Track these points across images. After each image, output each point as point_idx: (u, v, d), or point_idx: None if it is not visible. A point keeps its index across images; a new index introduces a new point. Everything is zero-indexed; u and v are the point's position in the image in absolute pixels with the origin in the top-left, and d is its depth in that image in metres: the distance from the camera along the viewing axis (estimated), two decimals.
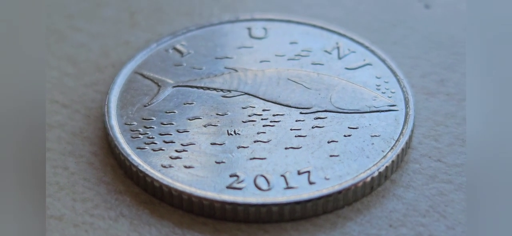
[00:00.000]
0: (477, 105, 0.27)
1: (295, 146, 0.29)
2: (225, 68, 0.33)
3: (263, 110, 0.31)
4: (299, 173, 0.28)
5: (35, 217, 0.25)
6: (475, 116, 0.27)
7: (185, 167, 0.28)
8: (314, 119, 0.30)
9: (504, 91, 0.27)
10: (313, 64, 0.33)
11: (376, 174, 0.28)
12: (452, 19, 0.37)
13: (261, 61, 0.33)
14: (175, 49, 0.34)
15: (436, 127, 0.31)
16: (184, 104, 0.31)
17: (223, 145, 0.29)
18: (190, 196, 0.27)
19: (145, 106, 0.31)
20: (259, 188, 0.28)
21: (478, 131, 0.27)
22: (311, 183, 0.28)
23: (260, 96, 0.31)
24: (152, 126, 0.30)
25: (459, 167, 0.29)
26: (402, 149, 0.29)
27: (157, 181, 0.28)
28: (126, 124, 0.30)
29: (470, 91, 0.27)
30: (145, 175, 0.28)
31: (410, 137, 0.30)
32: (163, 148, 0.29)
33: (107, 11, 0.37)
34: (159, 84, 0.32)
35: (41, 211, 0.25)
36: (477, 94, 0.27)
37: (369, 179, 0.28)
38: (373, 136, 0.29)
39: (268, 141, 0.29)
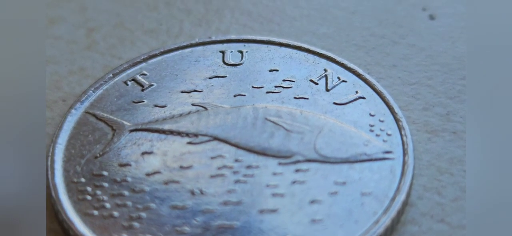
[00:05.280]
0: (480, 149, 0.23)
1: (271, 208, 0.25)
2: (193, 105, 0.28)
3: (235, 161, 0.26)
4: None
5: None
6: (477, 164, 0.22)
7: None
8: (295, 171, 0.26)
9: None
10: (295, 98, 0.28)
11: None
12: (460, 33, 0.31)
13: (235, 95, 0.28)
14: (135, 80, 0.29)
15: (440, 177, 0.26)
16: (142, 154, 0.26)
17: (185, 209, 0.25)
18: None
19: (96, 157, 0.26)
20: None
21: (481, 183, 0.22)
22: None
23: (232, 142, 0.27)
24: (103, 184, 0.25)
25: (466, 230, 0.25)
26: (398, 211, 0.25)
27: None
28: (72, 181, 0.25)
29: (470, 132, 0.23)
30: None
31: (408, 193, 0.25)
32: (114, 215, 0.25)
33: (61, 28, 0.32)
34: (114, 128, 0.27)
35: None
36: (479, 134, 0.23)
37: None
38: (363, 193, 0.25)
39: (239, 203, 0.25)
